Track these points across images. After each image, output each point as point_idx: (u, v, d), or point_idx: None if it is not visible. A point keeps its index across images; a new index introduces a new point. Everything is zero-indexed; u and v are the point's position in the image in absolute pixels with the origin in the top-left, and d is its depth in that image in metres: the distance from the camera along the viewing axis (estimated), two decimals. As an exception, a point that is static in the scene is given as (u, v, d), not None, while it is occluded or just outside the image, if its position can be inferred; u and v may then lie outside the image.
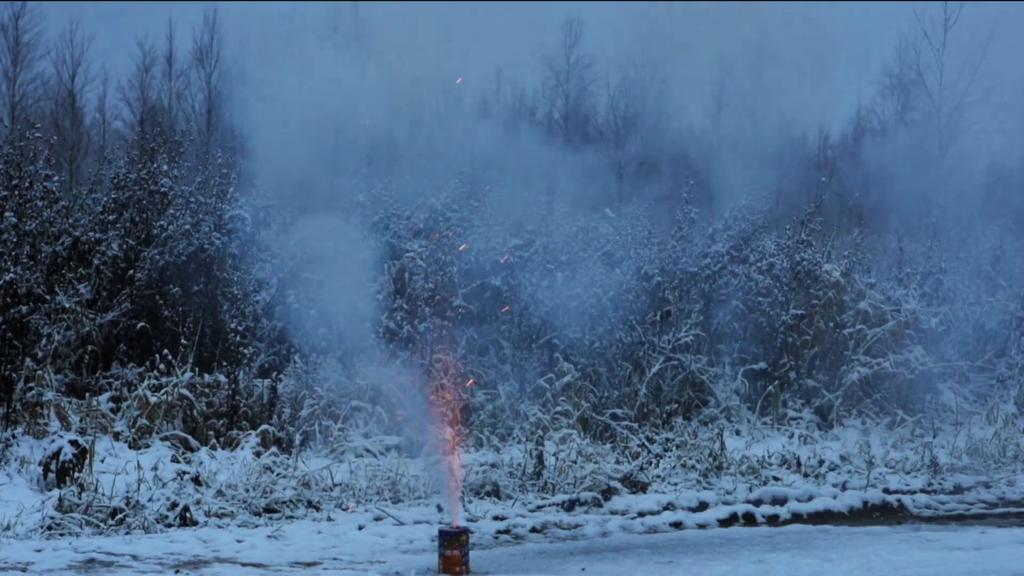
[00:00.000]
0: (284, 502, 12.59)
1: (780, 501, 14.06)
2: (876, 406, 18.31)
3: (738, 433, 16.84)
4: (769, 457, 15.51)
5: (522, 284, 16.86)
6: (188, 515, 11.93)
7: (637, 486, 13.93)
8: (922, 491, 14.94)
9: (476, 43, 14.85)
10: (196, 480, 12.72)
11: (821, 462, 15.37)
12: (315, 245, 14.42)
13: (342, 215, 15.10)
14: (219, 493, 12.51)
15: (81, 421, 14.37)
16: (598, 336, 16.83)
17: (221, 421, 14.79)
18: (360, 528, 12.10)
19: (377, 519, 12.45)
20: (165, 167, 16.99)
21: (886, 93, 37.71)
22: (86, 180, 20.20)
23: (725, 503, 13.82)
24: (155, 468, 13.04)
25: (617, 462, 14.72)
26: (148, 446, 14.18)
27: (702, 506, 13.67)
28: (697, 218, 19.67)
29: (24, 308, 14.85)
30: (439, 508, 12.61)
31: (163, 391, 14.69)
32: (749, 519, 13.53)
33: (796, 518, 13.73)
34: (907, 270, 21.22)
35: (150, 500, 12.01)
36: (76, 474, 12.38)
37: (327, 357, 15.37)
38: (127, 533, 11.45)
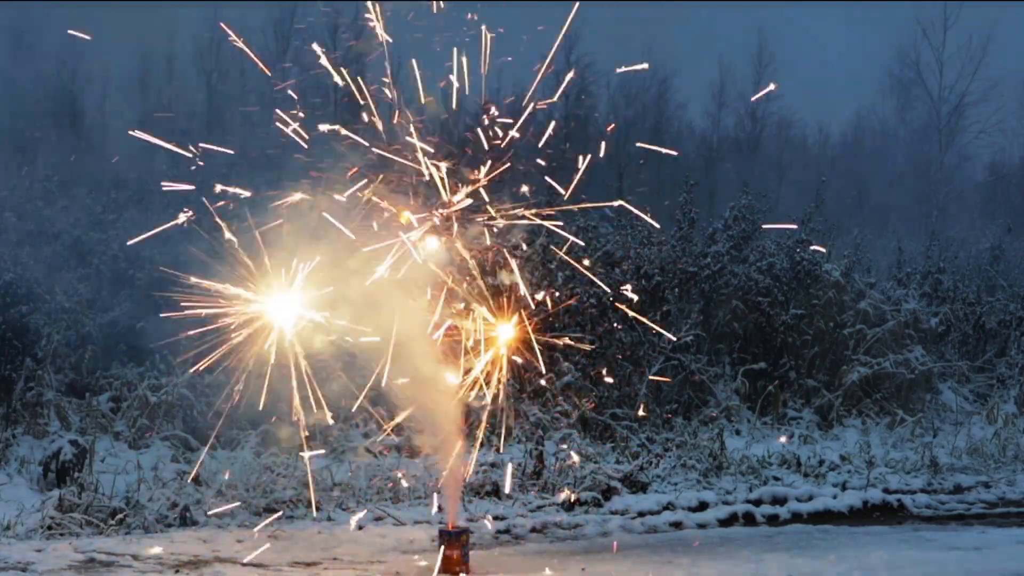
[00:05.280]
0: (284, 502, 12.59)
1: (780, 501, 14.04)
2: (876, 406, 18.31)
3: (738, 433, 16.84)
4: (769, 457, 15.51)
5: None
6: (188, 515, 11.93)
7: (637, 486, 13.93)
8: (922, 491, 14.92)
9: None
10: (196, 480, 12.72)
11: (821, 462, 15.36)
12: None
13: None
14: (219, 493, 12.51)
15: (81, 421, 14.39)
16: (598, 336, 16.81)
17: (221, 421, 14.76)
18: (360, 528, 12.09)
19: (377, 519, 12.44)
20: (165, 166, 16.99)
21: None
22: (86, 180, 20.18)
23: (725, 503, 13.80)
24: (155, 468, 13.05)
25: (617, 462, 14.72)
26: (148, 446, 14.19)
27: (702, 506, 13.66)
28: (697, 218, 19.68)
29: (24, 308, 14.86)
30: (439, 508, 12.59)
31: (163, 391, 14.68)
32: (749, 519, 13.52)
33: (796, 518, 13.72)
34: (907, 270, 21.23)
35: (150, 500, 12.01)
36: (76, 474, 12.38)
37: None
38: (127, 533, 11.44)
